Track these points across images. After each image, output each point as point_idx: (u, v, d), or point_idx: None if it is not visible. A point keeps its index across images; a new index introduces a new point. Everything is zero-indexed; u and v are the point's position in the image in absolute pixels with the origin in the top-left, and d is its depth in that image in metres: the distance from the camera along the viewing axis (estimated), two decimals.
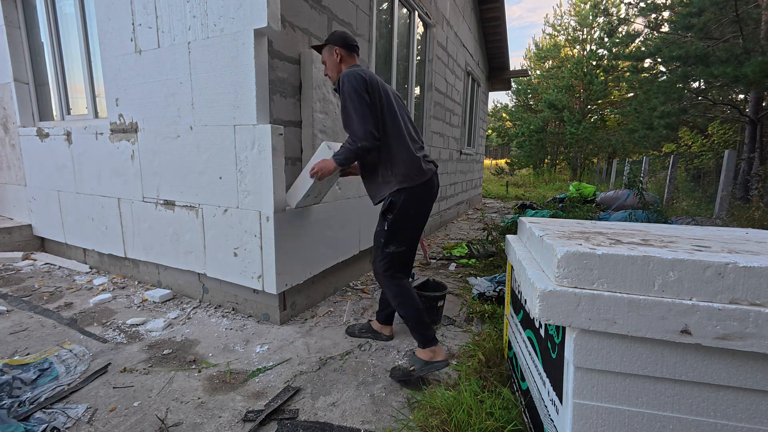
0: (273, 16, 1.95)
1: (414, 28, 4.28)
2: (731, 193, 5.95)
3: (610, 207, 6.64)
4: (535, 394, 1.32)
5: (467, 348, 2.04)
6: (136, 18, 2.40)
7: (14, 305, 2.45)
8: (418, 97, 4.76)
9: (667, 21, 10.16)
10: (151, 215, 2.63)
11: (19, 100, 3.36)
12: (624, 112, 13.65)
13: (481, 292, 2.69)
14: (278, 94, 2.24)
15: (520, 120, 21.87)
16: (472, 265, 3.63)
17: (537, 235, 1.28)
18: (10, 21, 3.26)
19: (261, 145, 2.05)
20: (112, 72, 2.61)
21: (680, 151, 11.30)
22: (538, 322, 1.30)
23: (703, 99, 9.66)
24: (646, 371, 0.97)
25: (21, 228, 3.50)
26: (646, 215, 4.23)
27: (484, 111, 9.12)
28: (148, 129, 2.51)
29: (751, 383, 0.91)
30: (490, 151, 29.84)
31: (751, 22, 7.63)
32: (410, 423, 1.44)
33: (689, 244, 1.12)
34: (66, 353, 1.86)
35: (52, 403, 1.52)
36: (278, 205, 2.11)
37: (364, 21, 3.10)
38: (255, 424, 1.43)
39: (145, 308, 2.48)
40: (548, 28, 26.81)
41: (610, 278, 0.98)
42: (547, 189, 13.33)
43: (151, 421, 1.45)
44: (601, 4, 18.08)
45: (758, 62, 5.94)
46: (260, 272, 2.19)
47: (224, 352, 1.97)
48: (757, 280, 0.89)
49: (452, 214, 6.40)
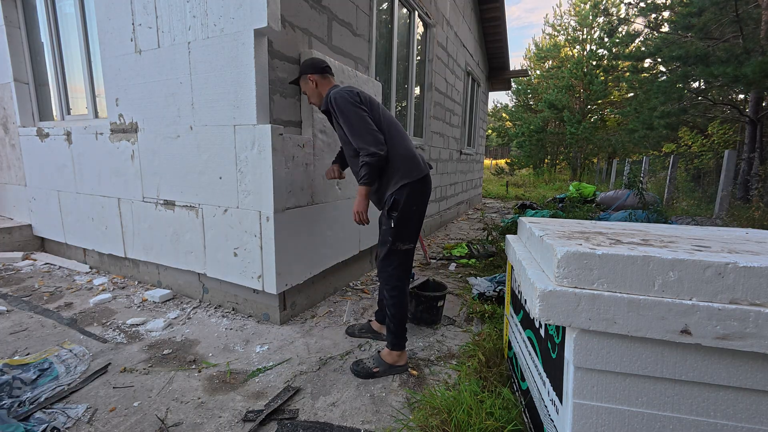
0: (273, 16, 1.95)
1: (414, 28, 4.28)
2: (731, 193, 5.96)
3: (610, 207, 6.64)
4: (535, 394, 1.32)
5: (467, 348, 2.04)
6: (136, 18, 2.40)
7: (14, 305, 2.45)
8: (418, 97, 4.76)
9: (667, 21, 10.16)
10: (151, 215, 2.63)
11: (19, 100, 3.36)
12: (624, 112, 13.64)
13: (481, 292, 2.69)
14: (278, 94, 2.24)
15: (520, 120, 21.86)
16: (472, 265, 3.63)
17: (537, 235, 1.28)
18: (10, 21, 3.26)
19: (261, 145, 2.05)
20: (112, 72, 2.61)
21: (680, 151, 11.30)
22: (538, 322, 1.30)
23: (703, 99, 9.66)
24: (646, 371, 0.97)
25: (21, 228, 3.50)
26: (646, 215, 4.23)
27: (484, 111, 9.12)
28: (148, 129, 2.51)
29: (751, 383, 0.91)
30: (490, 151, 29.85)
31: (751, 22, 7.63)
32: (410, 423, 1.44)
33: (689, 244, 1.12)
34: (66, 353, 1.86)
35: (52, 403, 1.51)
36: (278, 205, 2.11)
37: (364, 21, 3.10)
38: (255, 424, 1.43)
39: (145, 308, 2.48)
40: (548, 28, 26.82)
41: (610, 278, 0.98)
42: (547, 189, 13.33)
43: (151, 421, 1.45)
44: (601, 4, 18.07)
45: (758, 62, 5.94)
46: (260, 272, 2.19)
47: (224, 352, 1.97)
48: (757, 280, 0.89)
49: (452, 214, 6.40)
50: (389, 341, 1.86)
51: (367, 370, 1.80)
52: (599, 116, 19.35)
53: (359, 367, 1.82)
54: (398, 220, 1.79)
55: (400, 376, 1.81)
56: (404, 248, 1.83)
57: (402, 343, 1.85)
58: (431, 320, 2.33)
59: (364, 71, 3.18)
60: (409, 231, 1.84)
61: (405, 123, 4.47)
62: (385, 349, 1.87)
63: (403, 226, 1.81)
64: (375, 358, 1.85)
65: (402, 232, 1.81)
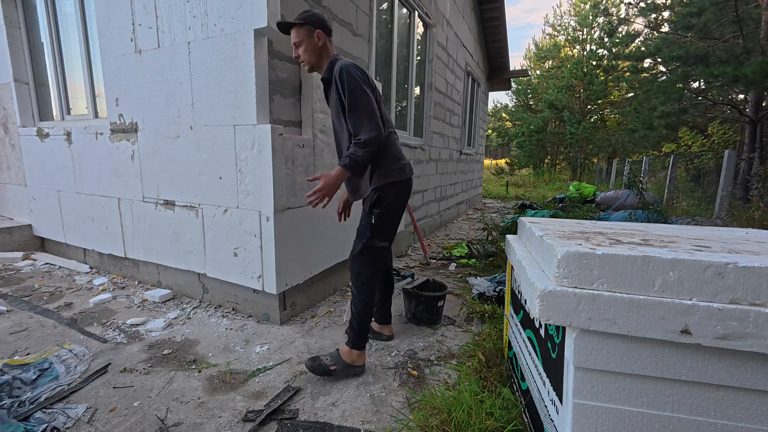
0: (273, 16, 1.95)
1: (414, 28, 4.28)
2: (731, 193, 5.95)
3: (610, 207, 6.64)
4: (535, 394, 1.32)
5: (467, 348, 2.04)
6: (136, 18, 2.40)
7: (14, 305, 2.45)
8: (418, 97, 4.76)
9: (667, 21, 10.17)
10: (151, 215, 2.63)
11: (19, 100, 3.36)
12: (624, 112, 13.64)
13: (481, 292, 2.69)
14: (278, 94, 2.24)
15: (520, 120, 21.87)
16: (472, 265, 3.63)
17: (537, 235, 1.28)
18: (10, 21, 3.26)
19: (261, 145, 2.05)
20: (112, 72, 2.61)
21: (680, 151, 11.31)
22: (538, 322, 1.30)
23: (703, 99, 9.66)
24: (646, 371, 0.97)
25: (21, 228, 3.50)
26: (646, 215, 4.23)
27: (484, 111, 9.12)
28: (148, 129, 2.51)
29: (751, 383, 0.91)
30: (490, 151, 29.86)
31: (751, 22, 7.63)
32: (410, 423, 1.44)
33: (689, 244, 1.12)
34: (66, 353, 1.86)
35: (52, 403, 1.51)
36: (278, 205, 2.11)
37: (364, 21, 3.10)
38: (255, 424, 1.43)
39: (145, 308, 2.48)
40: (548, 28, 26.81)
41: (610, 278, 0.98)
42: (547, 189, 13.33)
43: (151, 421, 1.45)
44: (601, 4, 18.07)
45: (758, 62, 5.94)
46: (260, 272, 2.19)
47: (224, 352, 1.97)
48: (757, 280, 0.89)
49: (452, 214, 6.40)
50: (350, 339, 1.80)
51: (323, 368, 1.73)
52: (599, 116, 19.36)
53: (315, 363, 1.74)
54: (379, 216, 1.77)
55: (401, 376, 1.81)
56: (380, 245, 1.81)
57: (362, 343, 1.80)
58: (431, 320, 2.33)
59: None
60: (387, 229, 1.83)
61: (405, 123, 4.47)
62: (345, 347, 1.79)
63: (383, 223, 1.79)
64: (333, 356, 1.78)
65: (380, 230, 1.79)
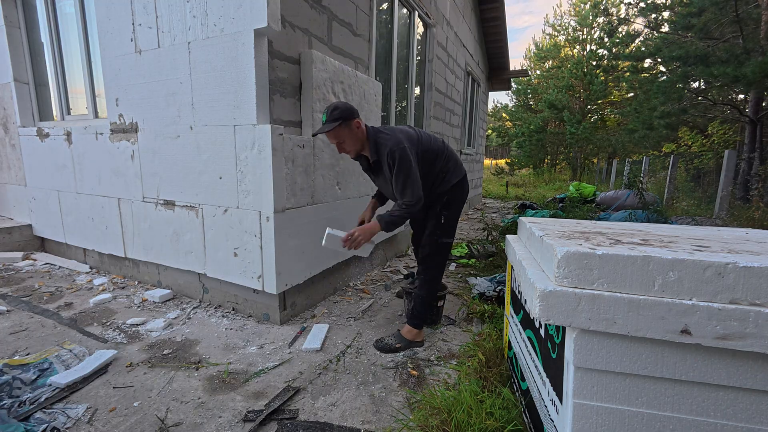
0: (273, 16, 1.95)
1: (414, 28, 4.28)
2: (731, 193, 5.96)
3: (610, 207, 6.64)
4: (535, 394, 1.32)
5: (467, 348, 2.04)
6: (136, 18, 2.40)
7: (14, 305, 2.45)
8: (418, 97, 4.76)
9: (667, 21, 10.16)
10: (151, 215, 2.63)
11: (19, 100, 3.36)
12: (624, 112, 13.65)
13: (481, 292, 2.69)
14: (278, 94, 2.24)
15: (520, 120, 21.87)
16: (472, 265, 3.63)
17: (537, 235, 1.28)
18: (10, 21, 3.26)
19: (261, 145, 2.05)
20: (112, 72, 2.61)
21: (680, 151, 11.31)
22: (538, 322, 1.30)
23: (703, 99, 9.66)
24: (646, 371, 0.97)
25: (21, 228, 3.50)
26: (646, 215, 4.23)
27: (484, 111, 9.12)
28: (148, 129, 2.51)
29: (751, 383, 0.91)
30: (490, 151, 29.85)
31: (751, 22, 7.63)
32: (410, 423, 1.44)
33: (689, 244, 1.12)
34: (66, 353, 1.86)
35: (52, 403, 1.51)
36: (278, 205, 2.11)
37: (364, 21, 3.10)
38: (255, 424, 1.43)
39: (145, 308, 2.48)
40: (548, 28, 26.79)
41: (610, 278, 0.98)
42: (547, 189, 13.33)
43: (151, 421, 1.45)
44: (601, 4, 18.08)
45: (758, 62, 5.94)
46: (260, 272, 2.19)
47: (224, 352, 1.97)
48: (757, 280, 0.89)
49: None
50: (412, 321, 2.07)
51: (390, 346, 2.02)
52: (599, 116, 19.36)
53: (382, 344, 2.04)
54: (447, 217, 2.07)
55: (401, 376, 1.81)
56: (450, 242, 2.13)
57: (422, 323, 2.09)
58: (431, 320, 2.33)
59: (364, 71, 3.18)
60: (452, 227, 2.12)
61: (405, 123, 4.47)
62: (406, 327, 2.09)
63: (452, 222, 2.10)
64: (396, 336, 2.07)
65: (451, 229, 2.10)
